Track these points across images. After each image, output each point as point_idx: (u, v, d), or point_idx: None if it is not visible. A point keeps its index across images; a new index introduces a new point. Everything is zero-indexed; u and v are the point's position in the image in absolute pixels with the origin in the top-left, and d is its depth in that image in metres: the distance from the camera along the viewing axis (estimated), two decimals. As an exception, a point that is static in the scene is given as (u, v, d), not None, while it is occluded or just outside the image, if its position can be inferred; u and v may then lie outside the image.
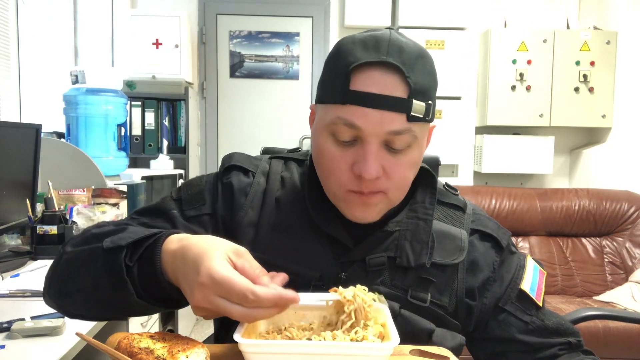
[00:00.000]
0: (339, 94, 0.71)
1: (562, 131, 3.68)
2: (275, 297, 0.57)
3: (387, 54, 0.70)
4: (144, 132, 3.19)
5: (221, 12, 3.63)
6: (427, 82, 0.72)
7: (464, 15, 3.44)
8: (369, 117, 0.70)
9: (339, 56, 0.73)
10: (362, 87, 0.70)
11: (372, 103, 0.69)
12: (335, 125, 0.72)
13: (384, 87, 0.69)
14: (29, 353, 0.98)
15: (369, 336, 0.63)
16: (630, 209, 3.03)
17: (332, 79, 0.73)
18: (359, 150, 0.72)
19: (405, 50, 0.71)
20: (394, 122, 0.70)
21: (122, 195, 2.22)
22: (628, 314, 2.05)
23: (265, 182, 0.84)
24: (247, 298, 0.56)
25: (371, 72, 0.70)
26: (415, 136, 0.73)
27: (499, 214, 3.00)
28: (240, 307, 0.57)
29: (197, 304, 0.58)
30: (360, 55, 0.71)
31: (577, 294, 2.90)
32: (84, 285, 0.69)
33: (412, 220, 0.82)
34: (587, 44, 3.45)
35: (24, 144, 1.88)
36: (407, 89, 0.70)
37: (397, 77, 0.70)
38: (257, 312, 0.57)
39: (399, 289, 0.78)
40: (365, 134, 0.71)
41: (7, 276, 1.46)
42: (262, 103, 3.69)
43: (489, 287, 0.84)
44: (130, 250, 0.66)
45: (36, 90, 2.76)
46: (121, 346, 0.58)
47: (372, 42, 0.71)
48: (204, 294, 0.57)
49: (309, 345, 0.61)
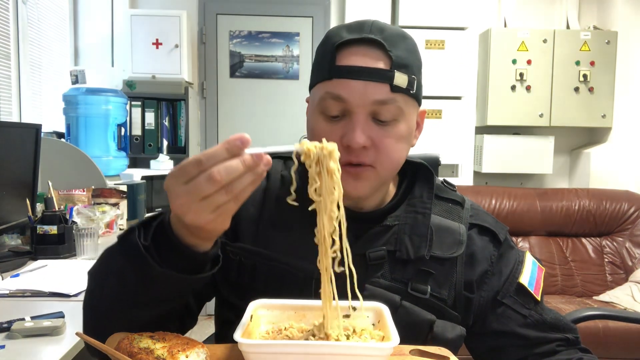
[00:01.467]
0: (326, 70, 0.76)
1: (562, 131, 3.68)
2: (223, 143, 0.56)
3: (369, 32, 0.76)
4: (144, 132, 3.19)
5: (221, 12, 3.63)
6: (409, 57, 0.77)
7: (464, 15, 3.43)
8: (353, 88, 0.74)
9: (326, 40, 0.79)
10: (347, 62, 0.75)
11: (356, 75, 0.74)
12: (324, 100, 0.76)
13: (367, 60, 0.75)
14: (29, 353, 0.98)
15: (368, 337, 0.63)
16: (630, 209, 3.03)
17: (320, 60, 0.79)
18: (348, 123, 0.76)
19: (387, 29, 0.77)
20: (378, 92, 0.74)
21: (122, 195, 2.22)
22: (628, 314, 2.05)
23: (265, 181, 0.86)
24: (198, 160, 0.55)
25: (355, 48, 0.76)
26: (401, 108, 0.76)
27: (499, 214, 3.00)
28: (201, 173, 0.55)
29: (174, 203, 0.58)
30: (345, 35, 0.77)
31: (577, 294, 2.90)
32: (112, 288, 0.68)
33: (411, 215, 0.83)
34: (587, 44, 3.45)
35: (24, 144, 1.88)
36: (389, 61, 0.75)
37: (379, 51, 0.75)
38: (219, 167, 0.55)
39: (399, 282, 0.80)
40: (351, 105, 0.75)
41: (7, 276, 1.46)
42: (262, 103, 3.69)
43: (487, 280, 0.85)
44: (142, 231, 0.65)
45: (36, 90, 2.77)
46: (121, 346, 0.58)
47: (355, 25, 0.78)
48: (172, 187, 0.57)
49: (309, 345, 0.61)
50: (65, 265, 1.60)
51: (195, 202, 0.56)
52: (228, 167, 0.55)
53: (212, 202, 0.56)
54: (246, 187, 0.57)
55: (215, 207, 0.57)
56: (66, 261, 1.67)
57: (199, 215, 0.57)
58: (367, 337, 0.66)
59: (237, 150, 0.56)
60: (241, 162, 0.56)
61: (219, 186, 0.55)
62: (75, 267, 1.58)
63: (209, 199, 0.56)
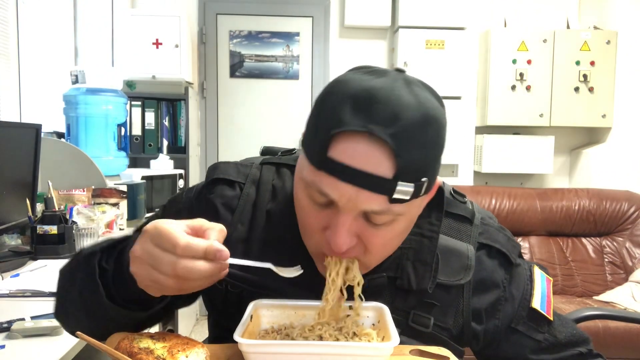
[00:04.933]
0: (316, 156, 0.62)
1: (562, 131, 3.68)
2: (207, 246, 0.55)
3: (377, 122, 0.58)
4: (144, 132, 3.19)
5: (221, 12, 3.63)
6: (425, 156, 0.61)
7: (464, 15, 3.44)
8: (342, 192, 0.60)
9: (325, 108, 0.62)
10: (341, 156, 0.59)
11: (347, 177, 0.59)
12: (310, 188, 0.64)
13: (367, 162, 0.59)
14: (29, 353, 0.98)
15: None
16: (630, 209, 3.03)
17: (314, 135, 0.63)
18: (333, 216, 0.63)
19: (402, 117, 0.59)
20: (371, 202, 0.60)
21: (122, 195, 2.22)
22: (628, 314, 2.05)
23: (255, 193, 0.78)
24: (177, 243, 0.54)
25: (355, 141, 0.59)
26: (400, 214, 0.63)
27: (499, 214, 3.00)
28: (170, 254, 0.55)
29: (133, 253, 0.58)
30: (347, 118, 0.59)
31: (577, 294, 2.90)
32: (73, 296, 0.69)
33: (416, 237, 0.75)
34: (587, 44, 3.45)
35: (24, 144, 1.88)
36: (394, 169, 0.59)
37: (384, 152, 0.58)
38: (187, 262, 0.55)
39: (400, 312, 0.73)
40: (338, 205, 0.62)
41: (7, 276, 1.46)
42: (262, 103, 3.69)
43: (500, 307, 0.79)
44: (106, 254, 0.67)
45: (36, 90, 2.76)
46: (121, 346, 0.58)
47: (364, 100, 0.59)
48: (142, 241, 0.57)
49: (308, 345, 0.61)
50: (65, 265, 1.60)
51: (145, 265, 0.57)
52: (192, 269, 0.55)
53: (157, 278, 0.57)
54: (199, 287, 0.58)
55: (157, 283, 0.57)
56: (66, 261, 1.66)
57: (141, 275, 0.58)
58: (367, 338, 0.66)
59: (212, 257, 0.56)
60: (208, 270, 0.56)
61: (174, 276, 0.56)
62: (75, 267, 1.58)
63: (157, 275, 0.57)
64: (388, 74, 0.63)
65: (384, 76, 0.62)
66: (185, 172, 3.16)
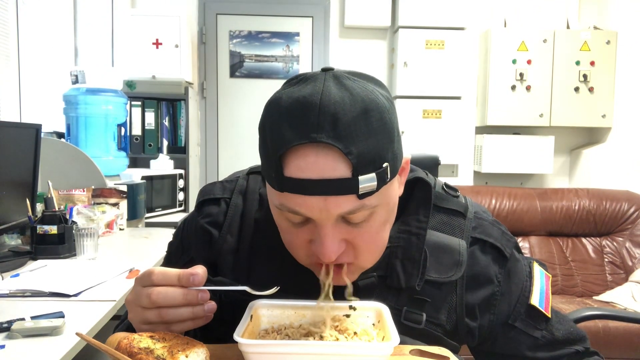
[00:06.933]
0: (275, 180, 0.62)
1: (562, 131, 3.68)
2: (179, 272, 0.61)
3: (317, 129, 0.58)
4: (144, 132, 3.19)
5: (221, 12, 3.63)
6: (377, 144, 0.60)
7: (464, 15, 3.44)
8: (311, 205, 0.60)
9: (267, 133, 0.62)
10: (297, 173, 0.59)
11: (310, 190, 0.59)
12: (281, 211, 0.64)
13: (322, 170, 0.59)
14: (29, 353, 0.98)
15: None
16: (630, 209, 3.03)
17: (267, 161, 0.63)
18: (314, 229, 0.64)
19: (340, 116, 0.58)
20: (342, 205, 0.60)
21: (122, 195, 2.23)
22: (628, 314, 2.05)
23: (242, 204, 0.79)
24: (152, 272, 0.61)
25: (304, 154, 0.59)
26: (376, 205, 0.63)
27: (499, 214, 3.00)
28: (148, 286, 0.61)
29: (126, 300, 0.64)
30: (288, 134, 0.59)
31: (577, 294, 2.90)
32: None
33: (404, 235, 0.75)
34: (587, 44, 3.45)
35: (24, 144, 1.88)
36: (349, 166, 0.59)
37: (334, 155, 0.58)
38: (161, 288, 0.61)
39: (392, 310, 0.71)
40: (314, 219, 0.63)
41: (7, 276, 1.46)
42: (262, 103, 3.63)
43: (495, 302, 0.78)
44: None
45: (36, 90, 2.76)
46: (121, 346, 0.58)
47: (299, 112, 0.59)
48: (135, 285, 0.63)
49: (308, 345, 0.61)
50: (65, 265, 1.60)
51: (135, 307, 0.63)
52: (166, 293, 0.61)
53: (144, 315, 0.62)
54: (183, 321, 0.62)
55: (145, 321, 0.62)
56: (66, 261, 1.67)
57: (133, 316, 0.64)
58: (367, 338, 0.66)
59: (185, 281, 0.61)
60: (182, 294, 0.61)
61: (153, 306, 0.61)
62: (75, 267, 1.58)
63: (141, 311, 0.62)
64: (316, 77, 0.63)
65: (312, 81, 0.62)
66: (185, 172, 3.16)
